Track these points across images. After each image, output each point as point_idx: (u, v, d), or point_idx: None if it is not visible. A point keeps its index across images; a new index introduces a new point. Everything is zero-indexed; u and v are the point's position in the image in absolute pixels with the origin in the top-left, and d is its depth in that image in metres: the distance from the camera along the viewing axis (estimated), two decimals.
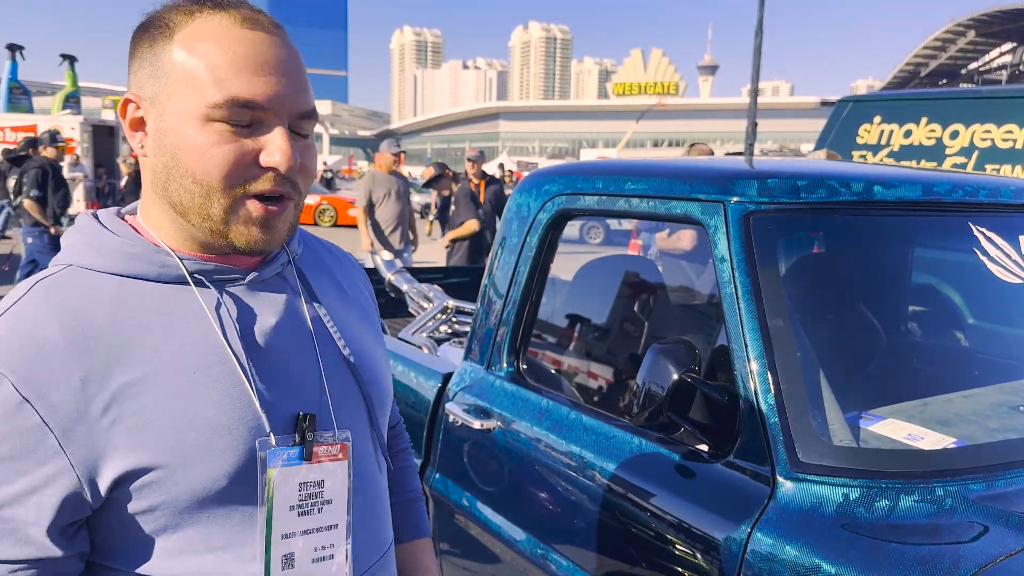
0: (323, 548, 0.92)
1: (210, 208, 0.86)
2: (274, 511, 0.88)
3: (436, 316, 3.43)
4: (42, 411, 0.78)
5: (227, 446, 0.85)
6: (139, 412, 0.82)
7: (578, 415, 1.79)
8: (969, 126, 4.40)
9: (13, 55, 21.99)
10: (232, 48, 0.83)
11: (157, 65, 0.86)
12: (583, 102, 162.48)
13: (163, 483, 0.83)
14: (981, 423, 1.54)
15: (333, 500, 0.93)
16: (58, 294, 0.84)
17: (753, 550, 1.32)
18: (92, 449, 0.80)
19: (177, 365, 0.85)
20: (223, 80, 0.83)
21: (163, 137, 0.86)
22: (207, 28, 0.84)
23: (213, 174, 0.84)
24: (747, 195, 1.59)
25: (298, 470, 0.90)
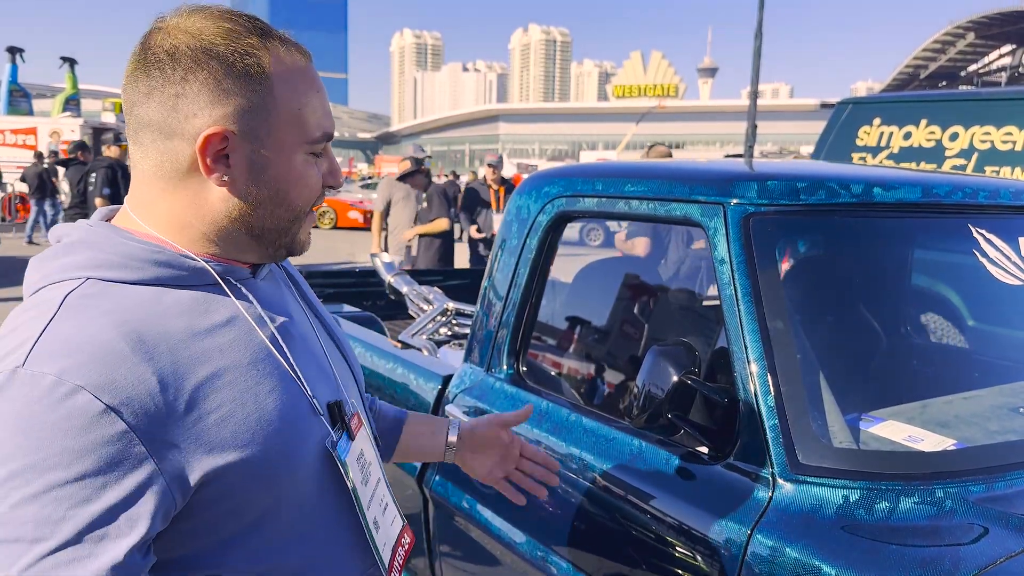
0: (381, 501, 1.06)
1: (292, 227, 0.95)
2: (358, 489, 0.99)
3: (436, 318, 3.43)
4: (127, 417, 0.77)
5: (292, 433, 0.90)
6: (216, 409, 0.83)
7: (578, 417, 1.79)
8: (968, 128, 4.41)
9: (13, 58, 22.02)
10: (313, 87, 0.93)
11: (257, 103, 0.88)
12: (583, 104, 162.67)
13: (246, 476, 0.85)
14: (981, 425, 1.54)
15: (372, 460, 1.05)
16: (99, 305, 0.83)
17: (753, 552, 1.32)
18: (178, 452, 0.80)
19: (236, 362, 0.87)
20: (318, 120, 0.93)
21: (262, 171, 0.90)
22: (292, 67, 0.91)
23: (307, 200, 0.95)
24: (747, 197, 1.59)
25: (353, 450, 1.00)
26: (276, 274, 1.06)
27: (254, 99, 0.87)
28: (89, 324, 0.80)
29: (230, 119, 0.87)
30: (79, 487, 0.74)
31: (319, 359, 1.01)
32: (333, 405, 0.98)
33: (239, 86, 0.87)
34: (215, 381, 0.84)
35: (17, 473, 0.73)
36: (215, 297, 0.91)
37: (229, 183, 0.89)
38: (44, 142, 18.47)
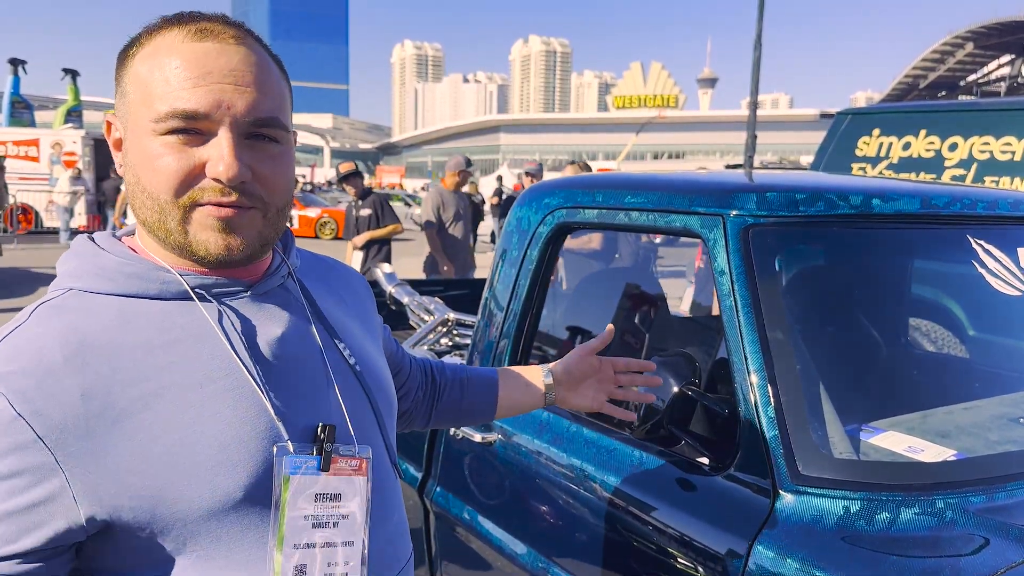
0: (338, 564, 0.89)
1: (166, 223, 0.85)
2: (286, 519, 0.86)
3: (437, 329, 3.43)
4: (37, 427, 0.76)
5: (240, 459, 0.84)
6: (144, 428, 0.80)
7: (579, 428, 1.80)
8: (968, 138, 4.42)
9: (15, 69, 22.11)
10: (177, 60, 0.83)
11: (123, 84, 0.88)
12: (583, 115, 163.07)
13: (174, 500, 0.81)
14: (981, 435, 1.54)
15: (350, 516, 0.91)
16: (59, 316, 0.84)
17: (754, 563, 1.32)
18: (95, 468, 0.78)
19: (183, 381, 0.83)
20: (168, 93, 0.83)
21: (126, 155, 0.88)
22: (163, 43, 0.85)
23: (161, 187, 0.84)
24: (746, 209, 1.60)
25: (315, 480, 0.88)
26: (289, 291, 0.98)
27: (121, 82, 0.88)
28: (41, 334, 0.82)
29: (117, 105, 0.89)
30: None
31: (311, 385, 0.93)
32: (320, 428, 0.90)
33: (120, 72, 0.88)
34: (153, 399, 0.81)
35: None
36: (190, 311, 0.88)
37: (123, 171, 0.90)
38: (46, 154, 18.51)
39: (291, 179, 0.92)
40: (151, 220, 0.86)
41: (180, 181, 0.84)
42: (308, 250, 1.15)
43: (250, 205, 0.87)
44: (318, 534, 0.88)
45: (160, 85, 0.83)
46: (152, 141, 0.84)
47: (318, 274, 1.09)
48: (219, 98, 0.83)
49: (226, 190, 0.84)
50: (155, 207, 0.85)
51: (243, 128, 0.85)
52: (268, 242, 0.91)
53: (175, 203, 0.84)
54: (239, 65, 0.85)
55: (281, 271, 0.98)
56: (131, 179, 0.87)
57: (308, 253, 1.13)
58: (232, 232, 0.86)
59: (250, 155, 0.86)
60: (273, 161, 0.88)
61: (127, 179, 0.88)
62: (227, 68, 0.84)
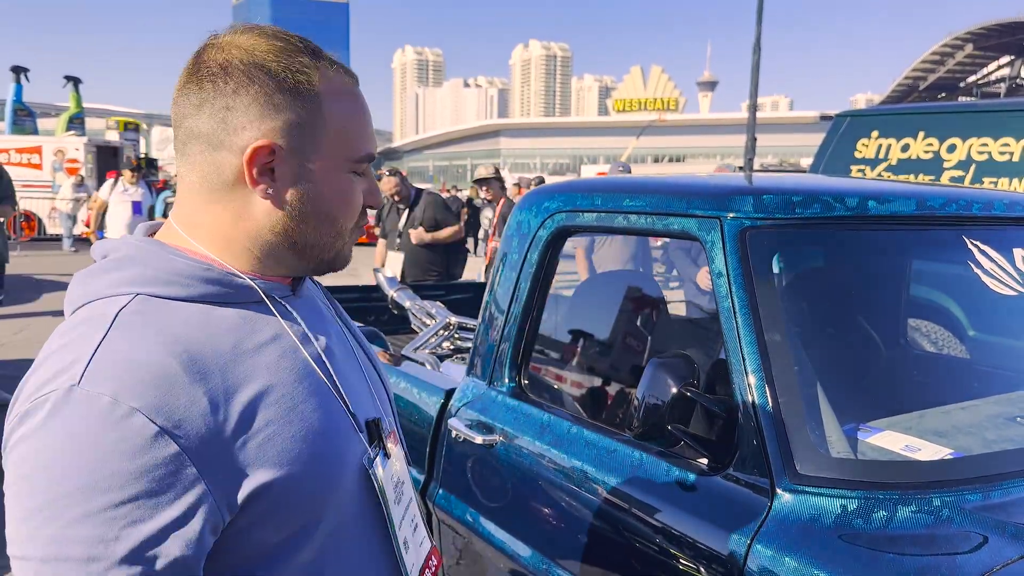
0: (412, 521, 1.05)
1: (336, 243, 0.96)
2: (391, 508, 0.98)
3: (438, 332, 3.45)
4: (179, 440, 0.77)
5: (335, 450, 0.91)
6: (264, 428, 0.84)
7: (579, 430, 1.81)
8: (966, 139, 4.43)
9: (18, 77, 22.17)
10: (359, 107, 0.96)
11: (305, 119, 0.90)
12: (584, 119, 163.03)
13: (290, 493, 0.85)
14: (978, 434, 1.55)
15: (405, 480, 1.05)
16: (149, 324, 0.83)
17: (753, 562, 1.34)
18: (228, 471, 0.80)
19: (282, 379, 0.88)
20: (363, 139, 0.95)
21: (308, 185, 0.92)
22: (340, 87, 0.94)
23: (350, 218, 0.96)
24: (743, 211, 1.62)
25: (388, 469, 1.00)
26: (314, 292, 1.06)
27: (303, 115, 0.89)
28: (141, 343, 0.81)
29: (278, 133, 0.89)
30: (132, 508, 0.75)
31: (359, 377, 1.02)
32: (371, 423, 0.98)
33: (289, 101, 0.89)
34: (263, 399, 0.85)
35: (72, 492, 0.74)
36: (260, 315, 0.91)
37: (274, 197, 0.90)
38: (49, 161, 18.56)
39: None
40: (317, 242, 0.95)
41: (359, 212, 0.98)
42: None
43: None
44: (400, 508, 1.02)
45: (356, 130, 0.94)
46: (346, 177, 0.94)
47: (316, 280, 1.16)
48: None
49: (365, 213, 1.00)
50: (335, 232, 0.96)
51: None
52: None
53: (349, 230, 0.98)
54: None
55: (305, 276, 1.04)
56: (305, 208, 0.92)
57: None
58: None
59: None
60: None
61: (296, 207, 0.92)
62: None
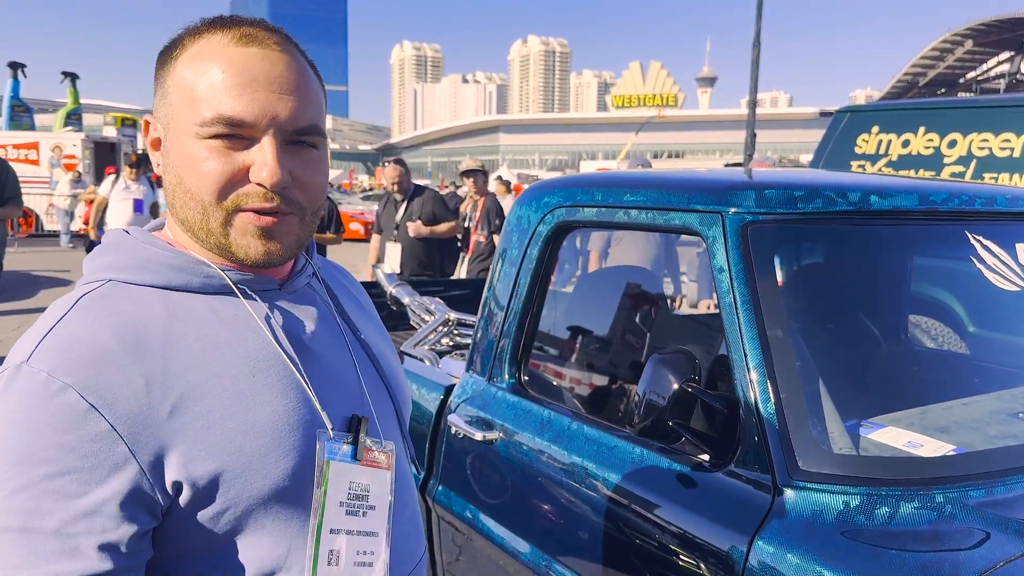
0: (364, 553, 0.93)
1: (208, 223, 0.88)
2: (327, 502, 0.89)
3: (437, 329, 3.44)
4: (109, 417, 0.77)
5: (289, 447, 0.87)
6: (203, 416, 0.82)
7: (580, 426, 1.80)
8: (967, 135, 4.42)
9: (15, 73, 22.11)
10: (223, 66, 0.85)
11: (165, 86, 0.89)
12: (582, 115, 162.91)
13: (228, 487, 0.83)
14: (980, 430, 1.54)
15: (376, 507, 0.94)
16: (107, 306, 0.85)
17: (755, 558, 1.33)
18: (160, 454, 0.80)
19: (234, 370, 0.86)
20: (213, 98, 0.84)
21: (167, 155, 0.89)
22: (207, 47, 0.87)
23: (205, 189, 0.86)
24: (744, 206, 1.61)
25: (350, 468, 0.92)
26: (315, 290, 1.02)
27: (163, 83, 0.89)
28: (92, 324, 0.82)
29: (155, 106, 0.91)
30: (65, 482, 0.76)
31: (342, 378, 0.97)
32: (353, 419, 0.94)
33: (161, 73, 0.90)
34: (205, 388, 0.83)
35: (12, 464, 0.76)
36: (230, 306, 0.90)
37: (161, 172, 0.91)
38: (46, 157, 18.52)
39: (325, 183, 0.95)
40: (193, 219, 0.88)
41: (224, 184, 0.86)
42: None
43: (289, 211, 0.89)
44: (349, 521, 0.91)
45: (205, 89, 0.85)
46: (196, 144, 0.86)
47: (334, 277, 1.13)
48: (264, 107, 0.85)
49: (268, 195, 0.87)
50: (198, 207, 0.87)
51: (285, 136, 0.88)
52: (302, 244, 0.95)
53: (219, 205, 0.87)
54: (283, 72, 0.87)
55: (307, 271, 1.02)
56: (172, 179, 0.89)
57: (319, 257, 1.16)
58: (272, 239, 0.89)
59: (291, 161, 0.88)
60: (311, 166, 0.91)
61: (167, 179, 0.90)
62: (271, 75, 0.86)
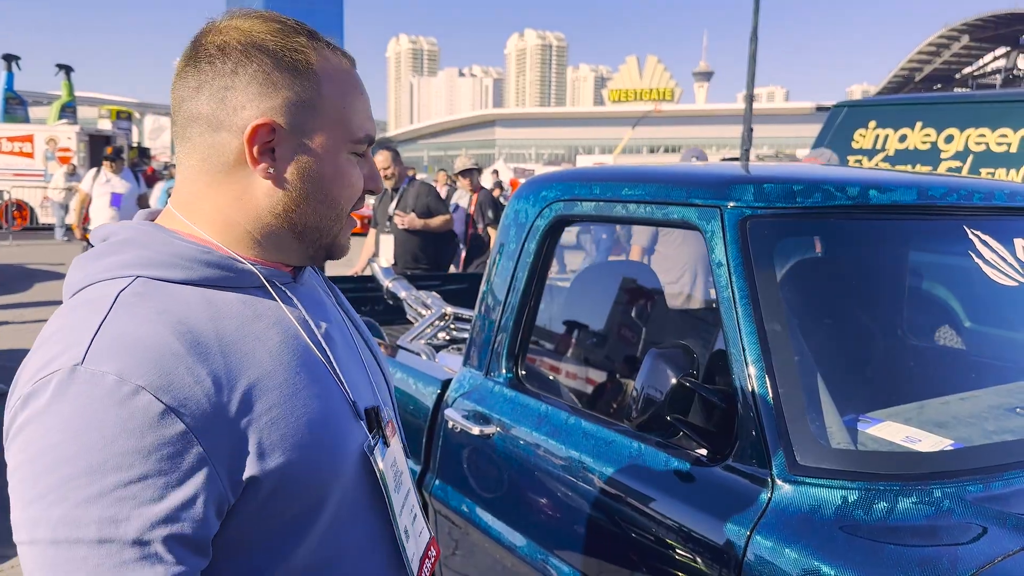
0: (411, 511, 1.05)
1: (333, 227, 0.95)
2: (392, 496, 0.98)
3: (434, 323, 3.43)
4: (185, 418, 0.76)
5: (336, 438, 0.91)
6: (267, 411, 0.83)
7: (577, 420, 1.80)
8: (964, 130, 4.42)
9: (9, 65, 22.02)
10: (357, 89, 0.95)
11: (304, 97, 0.89)
12: (579, 109, 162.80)
13: (292, 480, 0.84)
14: (978, 425, 1.54)
15: (403, 470, 1.05)
16: (151, 304, 0.82)
17: (752, 553, 1.33)
18: (232, 452, 0.80)
19: (284, 364, 0.87)
20: (362, 121, 0.95)
21: (308, 165, 0.91)
22: (339, 67, 0.93)
23: (349, 201, 0.95)
24: (743, 200, 1.60)
25: (388, 456, 1.00)
26: (315, 280, 1.06)
27: (302, 94, 0.89)
28: (144, 323, 0.80)
29: (278, 112, 0.88)
30: (142, 487, 0.74)
31: (358, 365, 1.02)
32: (371, 410, 0.98)
33: (287, 80, 0.88)
34: (265, 383, 0.84)
35: (81, 472, 0.73)
36: (261, 300, 0.91)
37: (274, 176, 0.89)
38: (41, 150, 18.44)
39: None
40: (317, 224, 0.94)
41: (359, 195, 0.97)
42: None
43: None
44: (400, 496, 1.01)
45: (355, 112, 0.94)
46: (346, 159, 0.94)
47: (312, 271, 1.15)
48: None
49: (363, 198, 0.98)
50: (333, 215, 0.94)
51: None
52: None
53: (348, 214, 0.97)
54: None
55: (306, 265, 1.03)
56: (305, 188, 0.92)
57: None
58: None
59: None
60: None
61: (296, 187, 0.91)
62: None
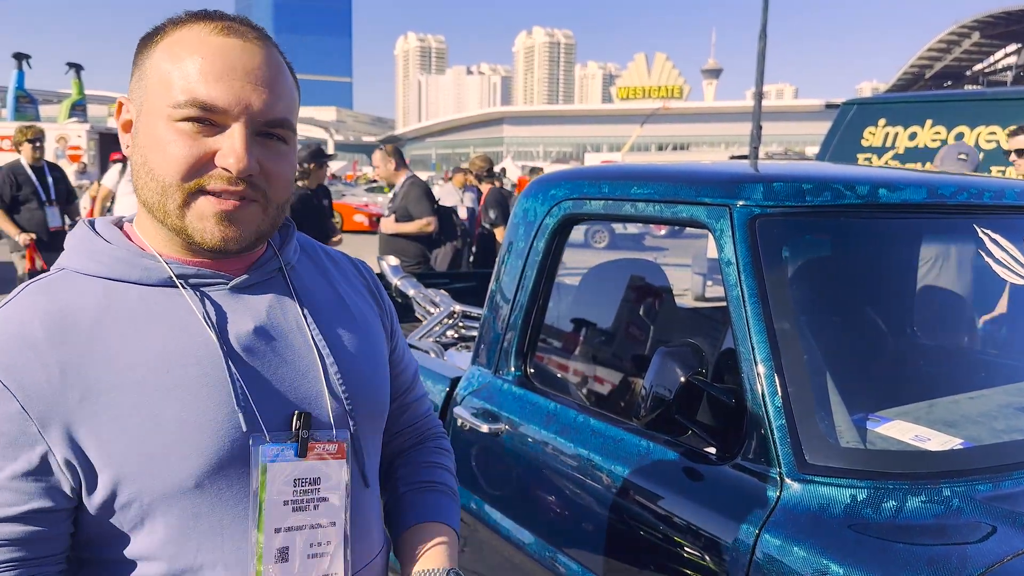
0: (319, 544, 0.94)
1: (167, 204, 0.89)
2: (266, 505, 0.90)
3: (442, 321, 3.44)
4: (21, 398, 0.82)
5: (199, 444, 0.87)
6: (110, 408, 0.85)
7: (586, 418, 1.80)
8: (974, 128, 4.41)
9: (20, 64, 22.10)
10: (202, 53, 0.87)
11: (142, 69, 0.91)
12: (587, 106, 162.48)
13: (130, 480, 0.86)
14: (987, 424, 1.54)
15: (330, 498, 0.95)
16: (46, 295, 0.89)
17: (761, 552, 1.33)
18: (69, 436, 0.84)
19: (153, 364, 0.87)
20: (189, 82, 0.86)
21: (136, 135, 0.91)
22: (188, 35, 0.89)
23: (169, 170, 0.87)
24: (753, 199, 1.60)
25: (291, 466, 0.92)
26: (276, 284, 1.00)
27: (141, 67, 0.91)
28: (24, 309, 0.87)
29: (131, 88, 0.93)
30: None
31: (292, 375, 0.95)
32: (297, 416, 0.93)
33: (140, 58, 0.92)
34: (123, 379, 0.86)
35: None
36: (173, 298, 0.92)
37: (129, 152, 0.94)
38: (51, 148, 18.53)
39: (292, 177, 0.96)
40: (152, 201, 0.90)
41: (189, 166, 0.87)
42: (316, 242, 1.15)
43: (253, 198, 0.90)
44: (299, 517, 0.93)
45: (181, 74, 0.87)
46: (166, 126, 0.87)
47: (320, 270, 1.09)
48: (238, 95, 0.87)
49: (233, 179, 0.88)
50: (158, 188, 0.89)
51: (256, 126, 0.89)
52: (264, 236, 0.95)
53: (180, 187, 0.88)
54: (260, 65, 0.89)
55: (270, 264, 1.00)
56: (138, 160, 0.91)
57: (314, 246, 1.14)
58: (231, 224, 0.90)
59: (259, 151, 0.90)
60: (280, 159, 0.93)
61: (133, 160, 0.92)
62: (248, 66, 0.88)
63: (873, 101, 5.15)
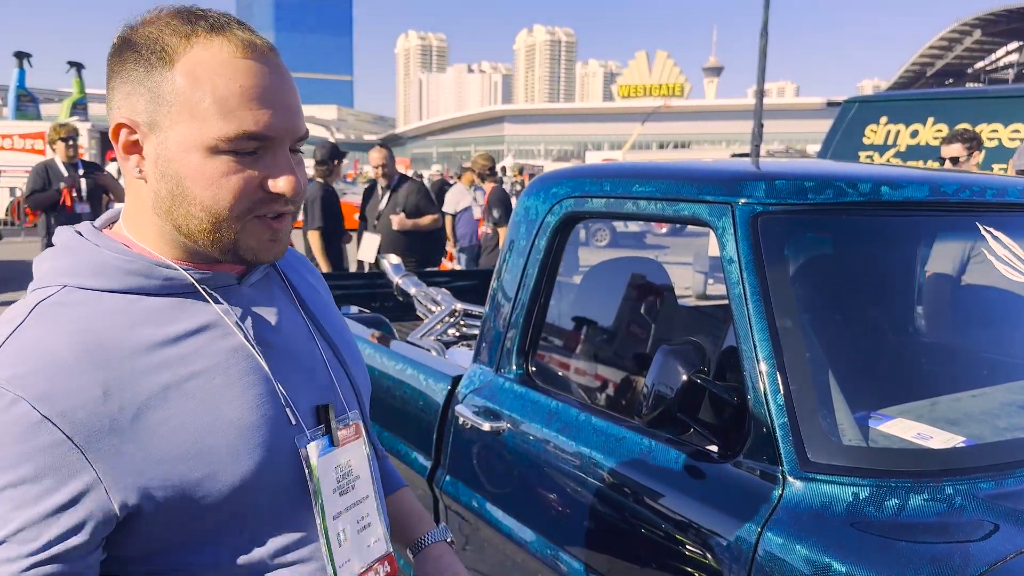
0: (363, 518, 1.03)
1: (220, 234, 0.89)
2: (323, 496, 0.96)
3: (444, 319, 3.44)
4: (64, 427, 0.79)
5: (259, 441, 0.90)
6: (167, 420, 0.84)
7: (587, 416, 1.80)
8: (976, 125, 4.40)
9: (21, 63, 22.10)
10: (237, 80, 0.85)
11: (157, 92, 0.86)
12: (588, 104, 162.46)
13: (199, 485, 0.85)
14: (990, 422, 1.54)
15: (360, 475, 1.03)
16: (63, 314, 0.85)
17: (763, 550, 1.33)
18: (122, 461, 0.81)
19: (198, 371, 0.87)
20: (232, 113, 0.84)
21: (166, 165, 0.87)
22: (209, 56, 0.85)
23: (223, 204, 0.87)
24: (755, 196, 1.60)
25: (332, 456, 0.98)
26: (272, 280, 1.04)
27: (155, 89, 0.86)
28: (48, 334, 0.82)
29: (140, 110, 0.87)
30: (19, 491, 0.78)
31: (309, 366, 1.00)
32: (321, 408, 0.98)
33: (147, 77, 0.86)
34: (171, 391, 0.85)
35: None
36: (191, 304, 0.91)
37: (145, 176, 0.89)
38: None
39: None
40: (198, 228, 0.89)
41: (249, 199, 0.88)
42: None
43: (291, 212, 0.94)
44: (345, 500, 1.00)
45: (220, 104, 0.84)
46: (209, 157, 0.86)
47: (290, 265, 1.13)
48: (283, 121, 0.88)
49: (283, 201, 0.91)
50: (210, 220, 0.88)
51: (292, 145, 0.91)
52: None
53: (238, 219, 0.89)
54: (287, 85, 0.90)
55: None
56: (171, 189, 0.87)
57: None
58: (280, 240, 0.93)
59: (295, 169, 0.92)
60: (302, 168, 0.95)
61: (158, 187, 0.88)
62: (279, 88, 0.88)
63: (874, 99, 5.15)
